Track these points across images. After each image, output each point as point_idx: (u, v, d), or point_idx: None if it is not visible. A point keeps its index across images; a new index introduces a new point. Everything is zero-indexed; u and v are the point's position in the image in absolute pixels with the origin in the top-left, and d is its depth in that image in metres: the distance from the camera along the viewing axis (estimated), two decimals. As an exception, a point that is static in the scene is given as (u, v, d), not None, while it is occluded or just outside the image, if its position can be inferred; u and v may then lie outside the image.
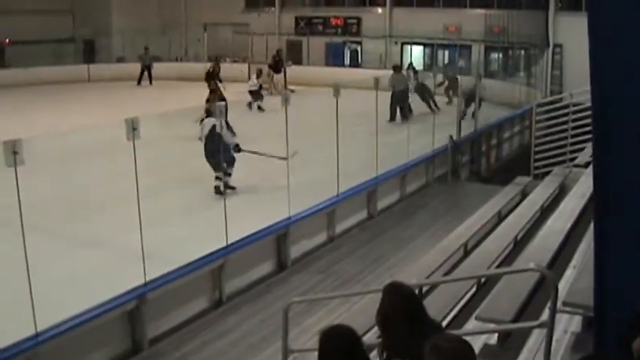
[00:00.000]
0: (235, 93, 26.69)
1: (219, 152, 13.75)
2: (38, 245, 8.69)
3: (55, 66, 34.32)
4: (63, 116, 17.93)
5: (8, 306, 8.82)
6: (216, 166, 14.06)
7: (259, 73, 26.91)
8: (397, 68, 24.76)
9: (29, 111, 22.87)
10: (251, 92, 26.12)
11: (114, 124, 10.05)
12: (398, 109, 22.32)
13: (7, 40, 35.56)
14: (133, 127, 9.42)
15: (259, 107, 25.59)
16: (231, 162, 14.34)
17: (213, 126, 14.00)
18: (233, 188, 14.26)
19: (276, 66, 30.68)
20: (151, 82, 33.83)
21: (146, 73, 34.01)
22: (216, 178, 14.09)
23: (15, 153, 7.89)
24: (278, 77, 30.52)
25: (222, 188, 13.64)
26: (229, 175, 14.33)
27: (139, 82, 33.78)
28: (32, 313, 8.11)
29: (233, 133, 14.64)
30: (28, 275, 8.08)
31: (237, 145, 14.36)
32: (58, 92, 29.95)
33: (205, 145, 14.09)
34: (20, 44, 34.99)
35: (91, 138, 17.08)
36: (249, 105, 25.89)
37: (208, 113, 15.03)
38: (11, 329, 8.33)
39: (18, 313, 8.35)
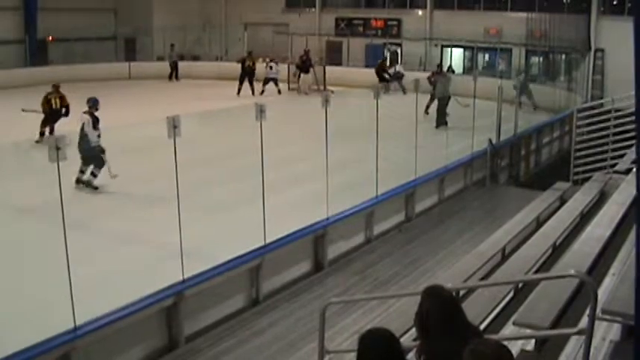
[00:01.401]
0: (274, 92, 26.97)
1: (86, 149, 14.66)
2: (78, 240, 8.76)
3: (96, 63, 34.76)
4: (102, 113, 18.16)
5: (48, 299, 8.93)
6: (84, 160, 14.78)
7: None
8: (442, 71, 24.68)
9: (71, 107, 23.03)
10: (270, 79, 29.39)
11: (154, 121, 10.10)
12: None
13: (49, 38, 36.02)
14: (174, 124, 9.47)
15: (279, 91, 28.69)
16: (99, 164, 14.87)
17: (83, 123, 14.83)
18: (95, 188, 14.84)
19: (304, 66, 30.75)
20: (177, 78, 35.30)
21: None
22: (80, 171, 14.82)
23: (58, 149, 7.93)
24: (305, 77, 30.73)
25: (83, 180, 14.78)
26: (95, 175, 14.91)
27: (169, 78, 35.35)
28: (71, 307, 8.18)
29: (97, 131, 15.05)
30: (68, 269, 8.17)
31: (99, 146, 14.85)
32: (99, 89, 30.19)
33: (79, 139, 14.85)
34: (63, 42, 35.46)
35: (131, 135, 17.19)
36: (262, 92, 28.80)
37: (43, 110, 18.76)
38: (51, 322, 8.42)
39: (58, 306, 8.42)
